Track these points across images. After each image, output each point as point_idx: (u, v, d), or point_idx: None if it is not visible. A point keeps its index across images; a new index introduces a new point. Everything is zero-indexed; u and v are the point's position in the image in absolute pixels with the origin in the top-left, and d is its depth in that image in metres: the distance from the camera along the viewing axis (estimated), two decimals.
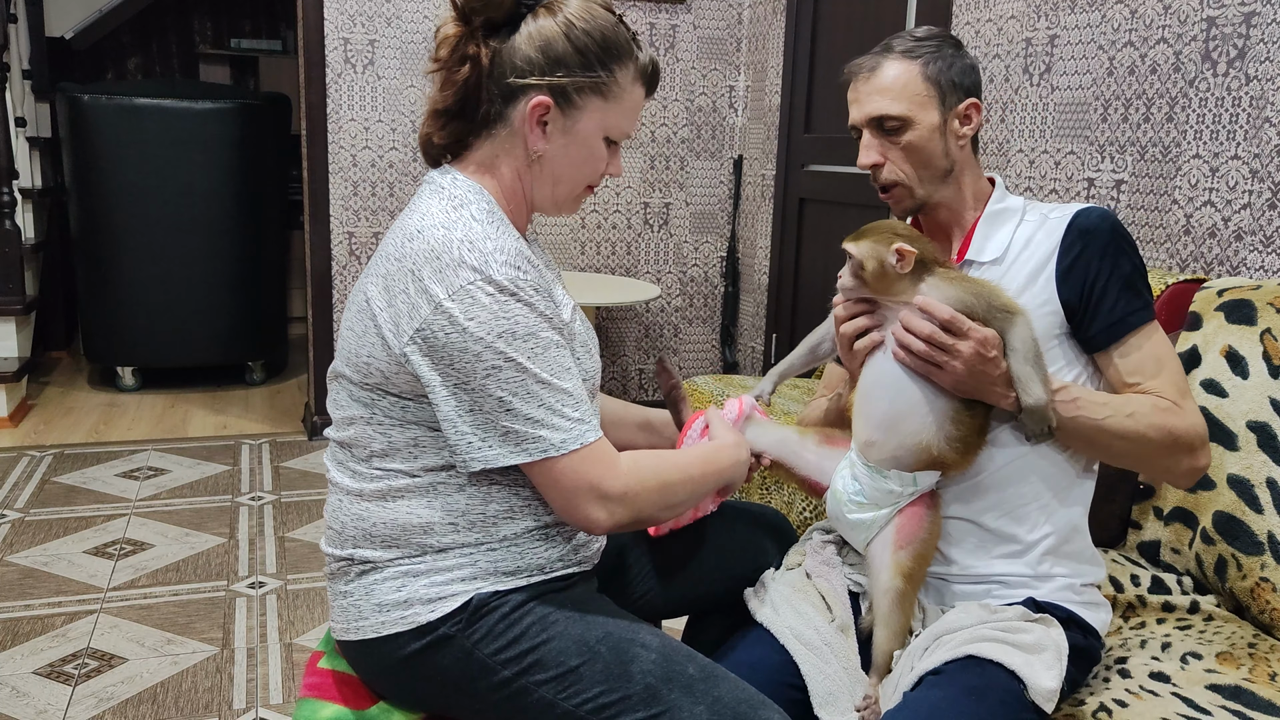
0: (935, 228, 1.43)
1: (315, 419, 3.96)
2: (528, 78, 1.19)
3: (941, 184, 1.38)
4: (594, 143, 1.24)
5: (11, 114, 4.55)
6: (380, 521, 1.21)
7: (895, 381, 1.29)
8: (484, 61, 1.19)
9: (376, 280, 1.18)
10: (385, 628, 1.20)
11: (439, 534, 1.20)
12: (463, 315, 1.10)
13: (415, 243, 1.14)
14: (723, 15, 4.16)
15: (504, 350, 1.11)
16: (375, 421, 1.20)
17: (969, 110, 1.37)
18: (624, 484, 1.16)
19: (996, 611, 1.30)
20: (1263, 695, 1.30)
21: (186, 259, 4.36)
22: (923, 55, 1.36)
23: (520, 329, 1.11)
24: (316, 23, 3.69)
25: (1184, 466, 1.29)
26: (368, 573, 1.22)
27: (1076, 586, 1.35)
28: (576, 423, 1.14)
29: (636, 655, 1.18)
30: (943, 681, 1.20)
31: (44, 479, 3.43)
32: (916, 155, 1.36)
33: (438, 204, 1.19)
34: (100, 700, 2.15)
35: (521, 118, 1.20)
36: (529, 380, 1.12)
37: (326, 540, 1.28)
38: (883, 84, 1.36)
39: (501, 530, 1.21)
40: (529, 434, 1.12)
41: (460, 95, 1.21)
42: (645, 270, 4.27)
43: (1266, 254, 1.92)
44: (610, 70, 1.21)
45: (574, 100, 1.20)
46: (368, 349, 1.18)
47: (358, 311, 1.20)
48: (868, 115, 1.37)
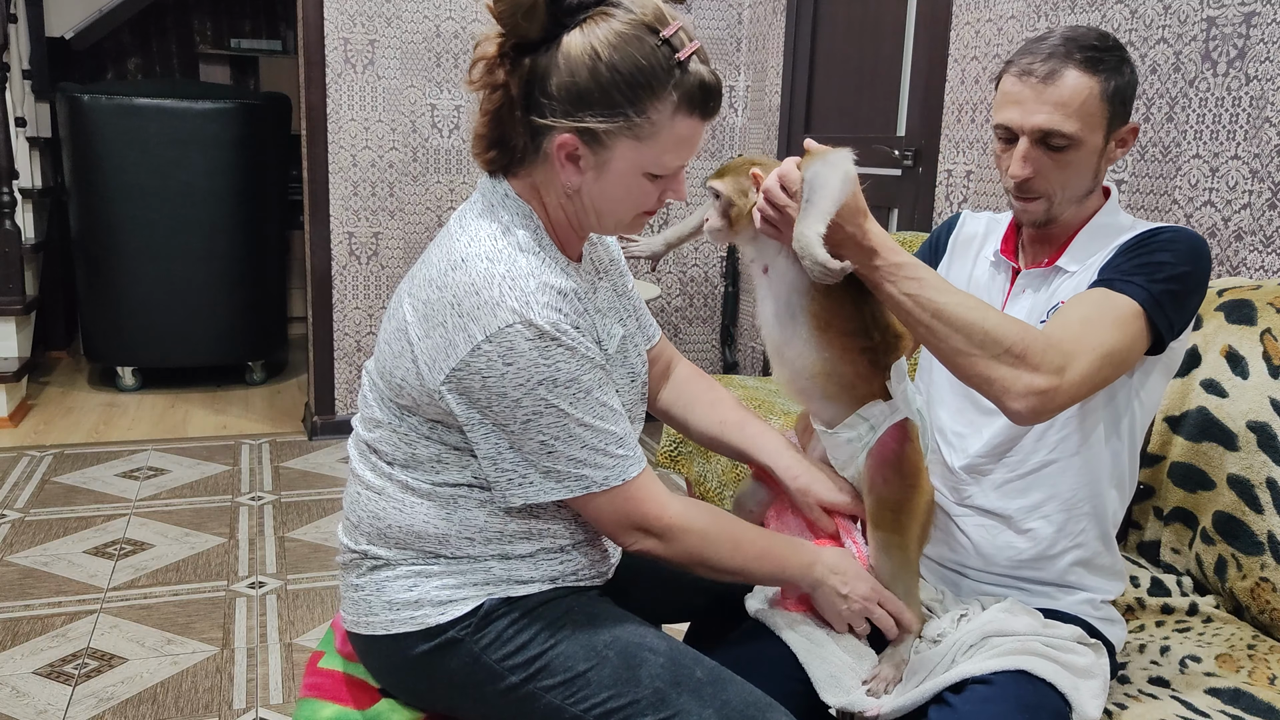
0: (1041, 234, 1.38)
1: (315, 419, 3.96)
2: (548, 117, 1.10)
3: (1078, 203, 1.33)
4: (631, 180, 1.13)
5: (11, 114, 4.55)
6: (396, 525, 1.21)
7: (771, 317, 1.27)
8: (513, 91, 1.11)
9: (418, 304, 1.14)
10: (395, 626, 1.20)
11: (454, 545, 1.20)
12: (501, 360, 1.07)
13: (458, 273, 1.10)
14: (723, 15, 4.16)
15: (545, 397, 1.09)
16: (401, 432, 1.19)
17: (1127, 135, 1.31)
18: (669, 520, 1.16)
19: (1050, 625, 1.28)
20: (1262, 699, 1.30)
21: (186, 259, 4.36)
22: (1104, 70, 1.26)
23: (561, 376, 1.09)
24: (316, 23, 3.69)
25: (1022, 383, 1.14)
26: (380, 568, 1.22)
27: (1096, 602, 1.35)
28: (620, 460, 1.14)
29: (644, 659, 1.17)
30: (995, 695, 1.18)
31: (44, 479, 3.43)
32: (1072, 174, 1.29)
33: (486, 228, 1.14)
34: (100, 700, 2.15)
35: (551, 152, 1.12)
36: (571, 424, 1.11)
37: (343, 529, 1.28)
38: (1061, 97, 1.25)
39: (518, 549, 1.21)
40: (571, 472, 1.13)
41: (495, 123, 1.15)
42: (645, 270, 4.27)
43: (1266, 254, 1.92)
44: (640, 109, 1.08)
45: (603, 140, 1.10)
46: (402, 371, 1.16)
47: (396, 330, 1.16)
48: (1036, 127, 1.26)
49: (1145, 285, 1.23)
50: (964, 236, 1.50)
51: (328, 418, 3.96)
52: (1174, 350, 1.31)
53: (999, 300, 1.41)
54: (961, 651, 1.26)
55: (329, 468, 3.64)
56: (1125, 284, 1.23)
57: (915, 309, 1.16)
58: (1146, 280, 1.23)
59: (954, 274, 1.48)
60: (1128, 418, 1.32)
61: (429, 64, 3.84)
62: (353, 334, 3.94)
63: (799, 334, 1.25)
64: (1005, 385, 1.15)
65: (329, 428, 3.95)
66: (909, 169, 3.03)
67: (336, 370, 3.94)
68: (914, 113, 3.02)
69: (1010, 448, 1.34)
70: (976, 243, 1.48)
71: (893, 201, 3.15)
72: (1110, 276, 1.26)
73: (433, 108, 3.88)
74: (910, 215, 3.03)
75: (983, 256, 1.46)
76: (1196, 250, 1.26)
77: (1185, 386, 1.65)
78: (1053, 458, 1.32)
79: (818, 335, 1.24)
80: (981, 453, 1.36)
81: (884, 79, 3.20)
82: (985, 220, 1.49)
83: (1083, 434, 1.31)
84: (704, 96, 1.11)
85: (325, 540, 3.02)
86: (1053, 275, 1.35)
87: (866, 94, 3.31)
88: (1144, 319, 1.22)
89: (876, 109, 3.26)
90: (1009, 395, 1.15)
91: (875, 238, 1.15)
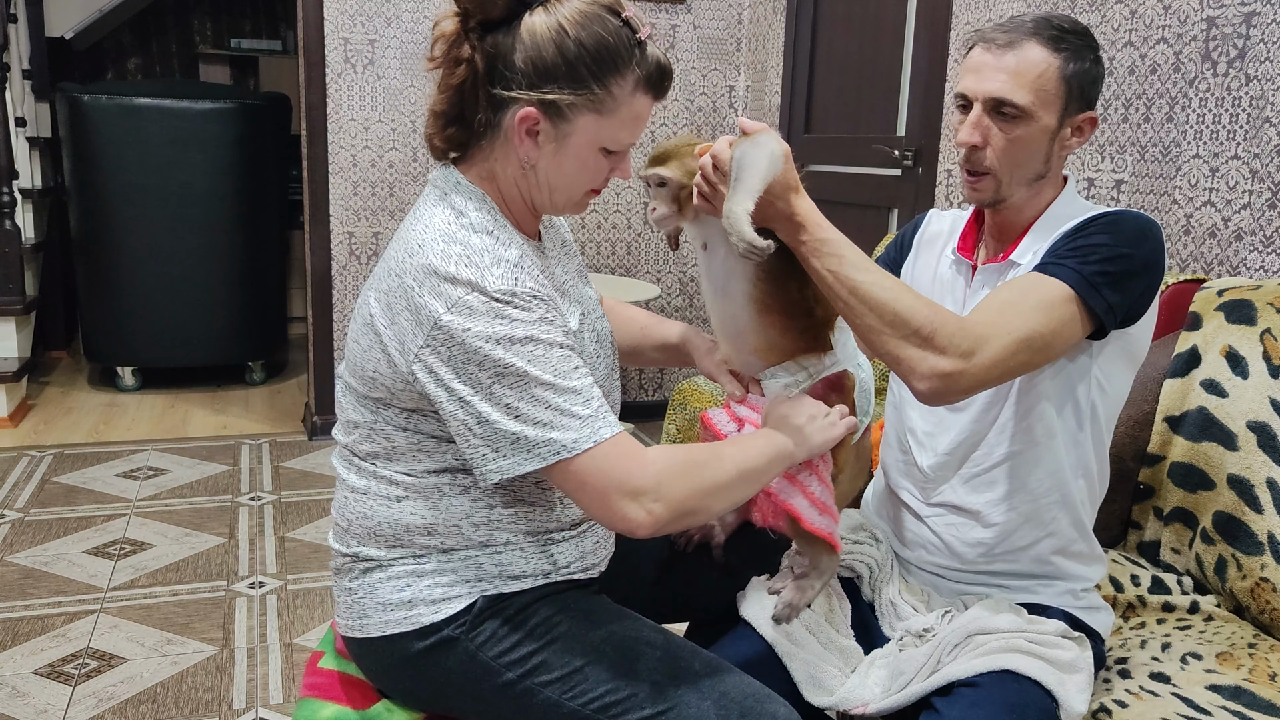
0: (996, 226, 1.38)
1: (315, 419, 3.96)
2: (513, 90, 1.14)
3: (1027, 186, 1.32)
4: (587, 154, 1.19)
5: (11, 114, 4.55)
6: (384, 521, 1.21)
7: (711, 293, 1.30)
8: (478, 65, 1.15)
9: (380, 295, 1.16)
10: (389, 627, 1.20)
11: (442, 534, 1.20)
12: (460, 327, 1.09)
13: (415, 258, 1.13)
14: (723, 15, 4.16)
15: (502, 358, 1.09)
16: (378, 427, 1.20)
17: (1084, 123, 1.31)
18: (654, 475, 1.10)
19: (1033, 621, 1.29)
20: (1263, 695, 1.30)
21: (186, 259, 4.36)
22: (1066, 50, 1.26)
23: (518, 333, 1.09)
24: (316, 23, 3.69)
25: (926, 365, 1.16)
26: (372, 570, 1.23)
27: (1077, 591, 1.35)
28: (588, 420, 1.10)
29: (641, 653, 1.18)
30: (982, 698, 1.18)
31: (44, 479, 3.43)
32: (1020, 151, 1.28)
33: (440, 214, 1.17)
34: (100, 700, 2.15)
35: (511, 127, 1.16)
36: (531, 384, 1.09)
37: (334, 535, 1.29)
38: (1016, 66, 1.26)
39: (505, 535, 1.21)
40: (539, 438, 1.09)
41: (456, 99, 1.18)
42: (645, 270, 4.27)
43: (1266, 254, 1.92)
44: (604, 83, 1.14)
45: (564, 114, 1.15)
46: (373, 364, 1.17)
47: (362, 325, 1.19)
48: (988, 93, 1.27)
49: (1076, 268, 1.22)
50: (929, 235, 1.50)
51: (328, 418, 3.96)
52: (1131, 336, 1.29)
53: (960, 297, 1.40)
54: (946, 652, 1.26)
55: (329, 468, 3.64)
56: (1057, 267, 1.23)
57: (835, 284, 1.19)
58: (1078, 262, 1.22)
59: (919, 271, 1.48)
60: (1088, 408, 1.31)
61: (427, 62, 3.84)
62: None
63: (740, 312, 1.27)
64: (911, 365, 1.18)
65: (329, 427, 3.95)
66: (909, 169, 3.04)
67: (336, 370, 3.94)
68: (914, 113, 3.03)
69: (977, 443, 1.35)
70: (941, 240, 1.47)
71: (893, 201, 3.15)
72: (1045, 261, 1.26)
73: None
74: (910, 215, 3.04)
75: (945, 254, 1.46)
76: (1141, 232, 1.25)
77: (1185, 386, 1.65)
78: (1014, 449, 1.32)
79: (758, 314, 1.26)
80: (948, 450, 1.37)
81: (884, 79, 3.21)
82: (951, 218, 1.49)
83: (1043, 425, 1.30)
84: (660, 77, 1.19)
85: (325, 540, 3.02)
86: (1007, 269, 1.34)
87: (866, 94, 3.31)
88: (1077, 302, 1.21)
89: (876, 109, 3.26)
90: (914, 375, 1.18)
91: (802, 214, 1.19)
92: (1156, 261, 1.26)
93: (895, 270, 1.52)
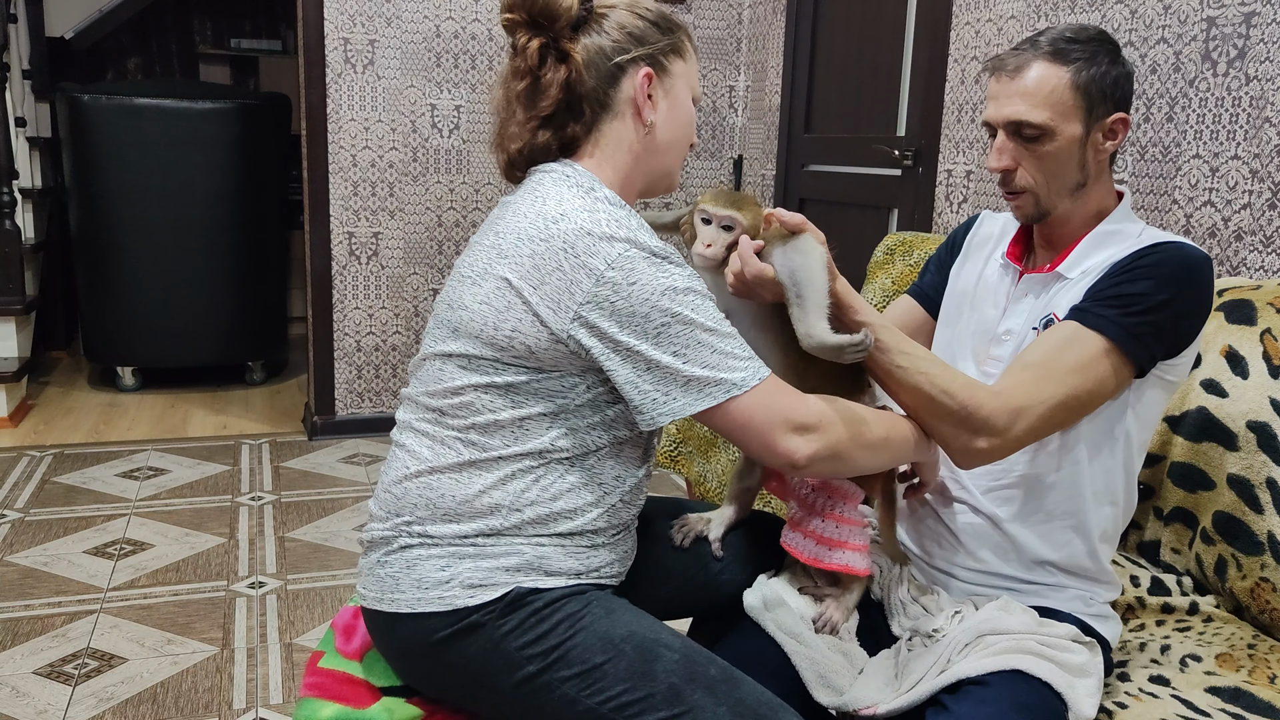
0: (1045, 236, 1.38)
1: (315, 419, 3.96)
2: (629, 53, 1.25)
3: (1070, 197, 1.32)
4: (687, 101, 1.32)
5: (11, 114, 4.55)
6: (449, 495, 1.22)
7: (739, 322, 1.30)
8: (578, 58, 1.24)
9: (520, 259, 1.19)
10: (420, 605, 1.20)
11: (502, 516, 1.21)
12: (625, 281, 1.14)
13: (563, 224, 1.17)
14: (723, 15, 4.16)
15: (669, 307, 1.14)
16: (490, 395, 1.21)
17: (1115, 125, 1.30)
18: (816, 412, 1.17)
19: (1045, 624, 1.29)
20: (1263, 697, 1.30)
21: (186, 259, 4.37)
22: (1075, 60, 1.27)
23: (680, 284, 1.16)
24: (316, 23, 3.69)
25: (960, 443, 1.25)
26: (413, 547, 1.23)
27: (1088, 599, 1.35)
28: (750, 360, 1.17)
29: (660, 655, 1.18)
30: (991, 696, 1.18)
31: (44, 479, 3.43)
32: (1051, 165, 1.29)
33: (570, 191, 1.22)
34: (100, 700, 2.15)
35: (627, 97, 1.26)
36: (697, 331, 1.15)
37: (377, 504, 1.29)
38: (1026, 87, 1.28)
39: (558, 526, 1.22)
40: (711, 378, 1.15)
41: (565, 93, 1.25)
42: None
43: (1266, 254, 1.92)
44: (673, 31, 1.30)
45: (665, 66, 1.28)
46: (512, 324, 1.19)
47: (494, 291, 1.20)
48: (1006, 118, 1.30)
49: (1117, 320, 1.23)
50: (980, 237, 1.51)
51: (328, 418, 3.96)
52: (1173, 365, 1.29)
53: (1002, 302, 1.41)
54: (956, 651, 1.26)
55: (329, 468, 3.64)
56: (1097, 317, 1.24)
57: (873, 367, 1.27)
58: (1120, 314, 1.23)
59: (966, 273, 1.49)
60: (1122, 435, 1.32)
61: (429, 64, 3.85)
62: (353, 334, 3.94)
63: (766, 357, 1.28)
64: (947, 442, 1.27)
65: (329, 428, 3.95)
66: (909, 169, 3.04)
67: (336, 370, 3.94)
68: (914, 113, 3.03)
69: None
70: (991, 243, 1.48)
71: (893, 201, 3.16)
72: (1086, 306, 1.26)
73: (433, 108, 3.88)
74: (910, 215, 3.04)
75: (994, 258, 1.46)
76: (1186, 275, 1.24)
77: (1185, 386, 1.65)
78: (1035, 471, 1.33)
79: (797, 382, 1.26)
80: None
81: (884, 79, 3.21)
82: (1003, 221, 1.50)
83: (1068, 452, 1.31)
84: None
85: (325, 540, 3.02)
86: (1052, 281, 1.34)
87: (866, 94, 3.31)
88: (1117, 354, 1.23)
89: (876, 109, 3.26)
90: (951, 450, 1.27)
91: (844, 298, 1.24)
92: (1201, 300, 1.26)
93: (944, 269, 1.54)
